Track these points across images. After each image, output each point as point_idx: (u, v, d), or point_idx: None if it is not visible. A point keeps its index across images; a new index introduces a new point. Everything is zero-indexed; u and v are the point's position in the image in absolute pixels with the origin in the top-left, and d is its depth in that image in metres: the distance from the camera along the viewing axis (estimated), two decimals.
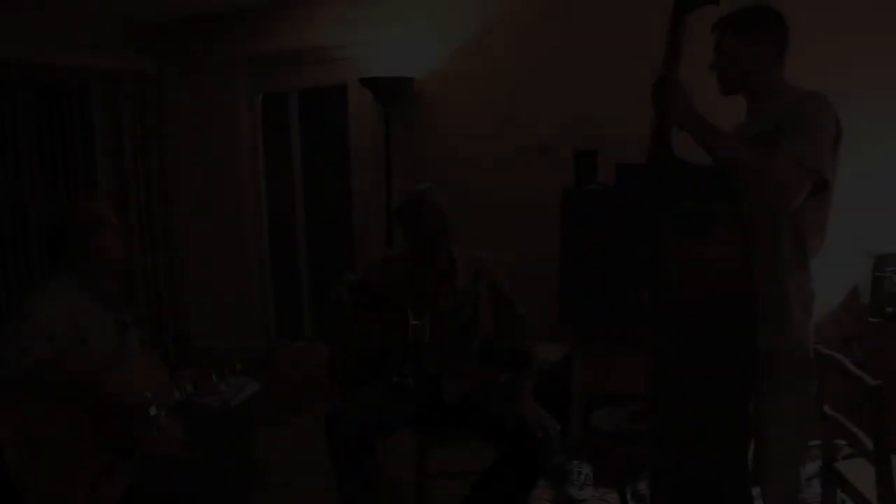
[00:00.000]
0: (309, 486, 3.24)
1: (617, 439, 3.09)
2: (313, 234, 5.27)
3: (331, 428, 2.58)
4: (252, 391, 3.98)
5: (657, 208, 1.92)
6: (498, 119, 4.13)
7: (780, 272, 2.00)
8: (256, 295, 5.29)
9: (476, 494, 2.68)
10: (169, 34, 5.31)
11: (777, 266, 1.99)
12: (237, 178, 5.14)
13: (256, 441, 2.72)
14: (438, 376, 2.78)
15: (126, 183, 5.37)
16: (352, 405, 2.67)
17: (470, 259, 2.90)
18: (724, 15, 2.11)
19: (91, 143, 5.17)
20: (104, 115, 5.23)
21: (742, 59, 2.07)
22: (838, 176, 1.99)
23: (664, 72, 1.92)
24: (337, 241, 5.19)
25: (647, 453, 2.26)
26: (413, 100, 4.35)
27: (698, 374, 1.83)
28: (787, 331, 2.02)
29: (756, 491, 2.10)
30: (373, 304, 2.85)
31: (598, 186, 3.50)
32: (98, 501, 2.03)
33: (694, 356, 1.82)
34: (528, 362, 2.50)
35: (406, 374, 2.73)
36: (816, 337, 2.10)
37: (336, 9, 4.52)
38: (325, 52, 4.67)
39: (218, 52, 5.03)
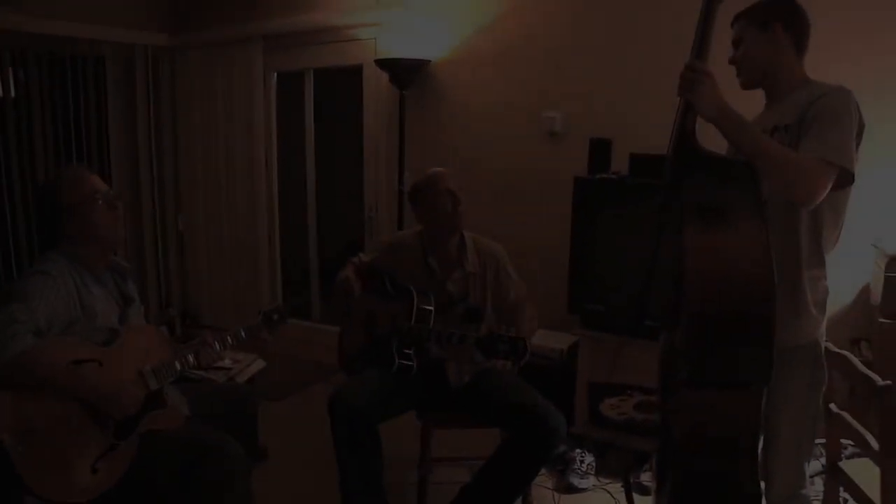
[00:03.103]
0: (310, 464, 3.26)
1: (626, 429, 3.08)
2: (324, 215, 5.27)
3: (334, 408, 2.57)
4: (258, 368, 4.01)
5: (677, 199, 1.89)
6: (512, 104, 4.10)
7: (796, 267, 1.98)
8: (265, 275, 5.29)
9: (480, 478, 2.68)
10: (186, 10, 5.31)
11: (794, 261, 1.97)
12: (250, 156, 5.12)
13: (259, 418, 2.72)
14: (443, 360, 2.78)
15: (138, 160, 5.39)
16: (356, 386, 2.66)
17: (480, 245, 2.89)
18: (742, 8, 2.08)
19: (105, 117, 5.18)
20: (118, 88, 5.24)
21: (761, 53, 2.05)
22: None
23: (692, 60, 1.89)
24: (347, 222, 5.18)
25: (654, 445, 2.24)
26: (428, 82, 4.34)
27: (712, 367, 1.81)
28: (801, 327, 2.00)
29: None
30: (381, 286, 2.85)
31: (612, 175, 3.48)
32: (99, 482, 2.03)
33: (709, 348, 1.80)
34: (524, 354, 2.48)
35: (411, 357, 2.73)
36: (826, 335, 2.09)
37: None
38: (341, 32, 4.65)
39: (234, 29, 5.01)
